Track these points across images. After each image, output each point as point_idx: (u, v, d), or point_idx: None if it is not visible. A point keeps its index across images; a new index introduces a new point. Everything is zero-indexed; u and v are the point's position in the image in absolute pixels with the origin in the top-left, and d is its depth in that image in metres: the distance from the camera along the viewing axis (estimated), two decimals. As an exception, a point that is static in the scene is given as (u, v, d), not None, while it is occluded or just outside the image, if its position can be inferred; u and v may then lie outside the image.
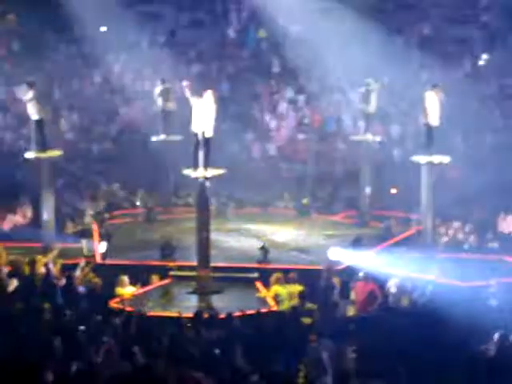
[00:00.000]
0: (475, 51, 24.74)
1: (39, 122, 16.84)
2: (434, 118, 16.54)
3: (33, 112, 16.76)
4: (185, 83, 15.46)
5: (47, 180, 17.36)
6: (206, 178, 15.36)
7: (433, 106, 16.52)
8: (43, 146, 16.95)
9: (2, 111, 24.78)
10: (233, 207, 21.00)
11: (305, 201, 21.33)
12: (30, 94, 16.84)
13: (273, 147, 24.42)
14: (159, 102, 20.44)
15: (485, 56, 24.59)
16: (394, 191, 19.78)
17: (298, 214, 21.13)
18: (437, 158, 16.70)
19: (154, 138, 20.70)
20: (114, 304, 14.15)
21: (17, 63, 25.93)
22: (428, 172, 16.74)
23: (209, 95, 15.18)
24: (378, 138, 20.12)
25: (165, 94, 20.40)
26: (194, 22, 27.54)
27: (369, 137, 19.84)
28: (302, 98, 25.35)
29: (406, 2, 26.06)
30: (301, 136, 24.65)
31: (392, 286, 14.48)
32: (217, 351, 10.34)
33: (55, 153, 17.47)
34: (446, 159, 16.88)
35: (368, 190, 20.07)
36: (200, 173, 15.33)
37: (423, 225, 17.29)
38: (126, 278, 15.03)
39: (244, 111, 25.29)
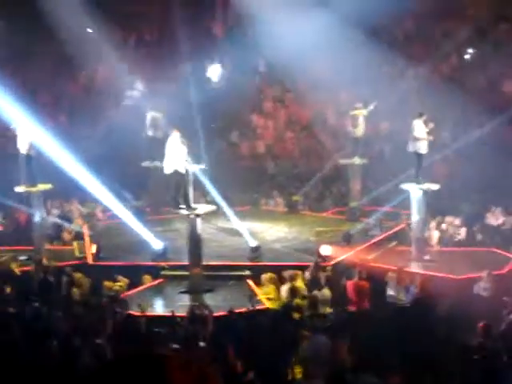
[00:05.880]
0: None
1: (27, 157, 16.83)
2: (422, 146, 16.61)
3: (21, 147, 16.79)
4: None
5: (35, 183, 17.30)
6: (198, 215, 15.36)
7: (421, 134, 16.57)
8: (33, 181, 16.93)
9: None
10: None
11: (295, 198, 21.39)
12: (19, 131, 16.88)
13: (261, 145, 24.47)
14: (149, 130, 20.29)
15: (470, 50, 24.69)
16: None
17: (287, 212, 21.21)
18: (425, 186, 16.82)
19: (143, 164, 20.52)
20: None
21: (3, 69, 25.85)
22: (417, 196, 16.88)
23: (176, 135, 15.07)
24: (364, 161, 20.14)
25: (154, 122, 20.30)
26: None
27: (356, 160, 19.97)
28: (289, 95, 25.39)
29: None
30: (289, 134, 24.70)
31: (389, 281, 14.58)
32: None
33: (45, 186, 17.36)
34: (434, 186, 16.97)
35: (358, 185, 20.18)
36: (191, 210, 15.27)
37: (413, 219, 17.34)
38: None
39: (231, 110, 25.30)
